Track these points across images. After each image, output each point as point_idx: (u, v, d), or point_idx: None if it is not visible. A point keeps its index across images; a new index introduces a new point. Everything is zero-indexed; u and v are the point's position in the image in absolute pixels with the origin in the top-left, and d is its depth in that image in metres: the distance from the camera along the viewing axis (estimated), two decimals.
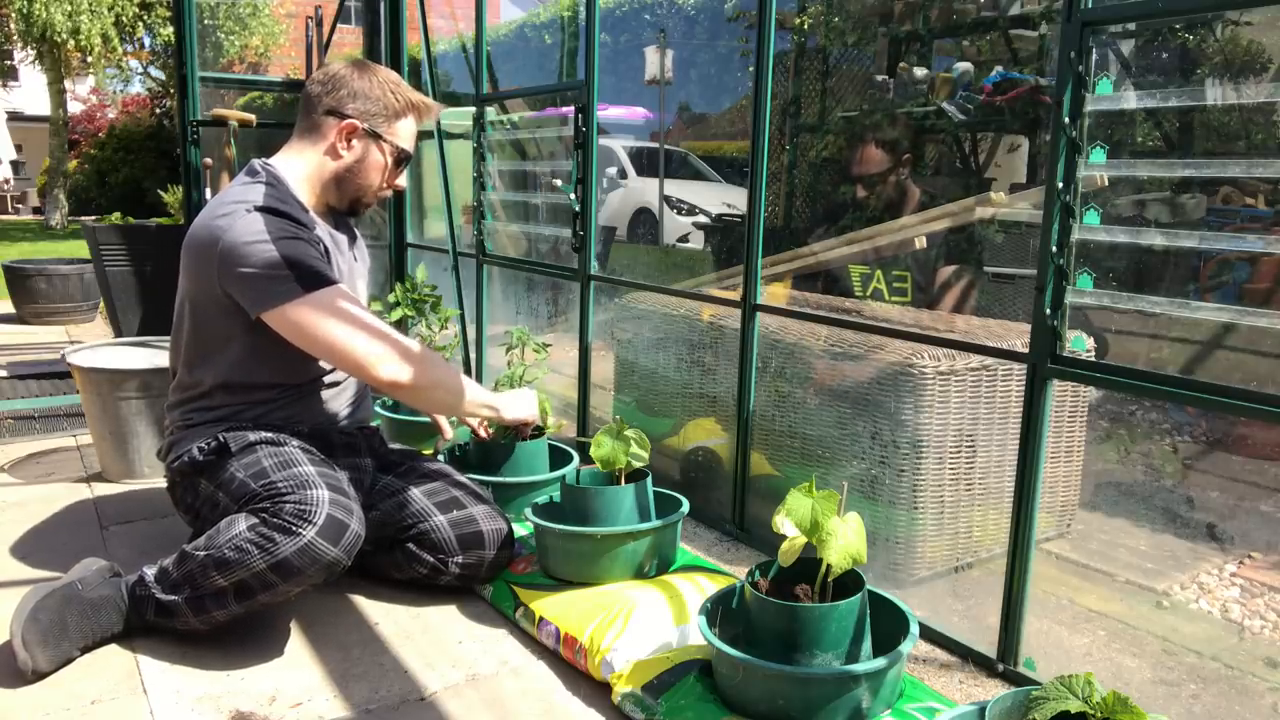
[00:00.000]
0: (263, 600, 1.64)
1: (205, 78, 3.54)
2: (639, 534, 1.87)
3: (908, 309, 2.44)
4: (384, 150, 1.90)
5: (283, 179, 1.86)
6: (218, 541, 1.63)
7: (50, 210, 14.18)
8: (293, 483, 1.66)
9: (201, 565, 1.63)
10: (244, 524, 1.63)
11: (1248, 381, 1.95)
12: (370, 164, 1.90)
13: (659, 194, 9.82)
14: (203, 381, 1.84)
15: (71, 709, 1.52)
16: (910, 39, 4.50)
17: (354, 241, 2.06)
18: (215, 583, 1.63)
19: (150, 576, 1.70)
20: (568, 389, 3.05)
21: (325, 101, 1.86)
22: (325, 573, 1.64)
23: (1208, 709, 1.62)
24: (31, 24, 11.78)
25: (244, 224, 1.71)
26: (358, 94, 1.86)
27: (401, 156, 1.94)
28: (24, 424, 3.18)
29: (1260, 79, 3.82)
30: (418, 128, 1.96)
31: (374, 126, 1.88)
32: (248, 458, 1.74)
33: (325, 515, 1.62)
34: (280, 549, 1.59)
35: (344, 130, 1.86)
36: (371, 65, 1.94)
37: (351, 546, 1.65)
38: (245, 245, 1.69)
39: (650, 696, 1.50)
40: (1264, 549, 2.24)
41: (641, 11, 13.45)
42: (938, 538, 2.00)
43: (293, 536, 1.59)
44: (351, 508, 1.68)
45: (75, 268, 5.43)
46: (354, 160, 1.89)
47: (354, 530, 1.65)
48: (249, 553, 1.60)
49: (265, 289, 1.69)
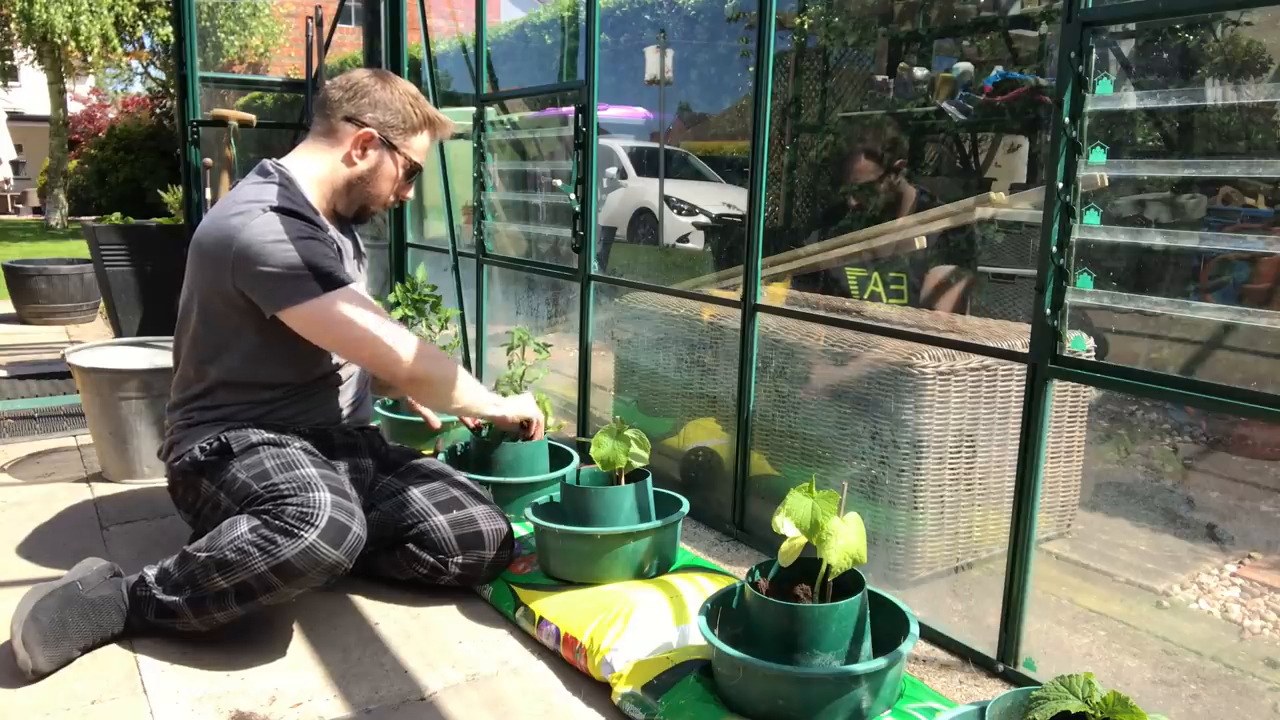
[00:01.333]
0: (264, 601, 1.65)
1: (205, 78, 3.54)
2: (639, 534, 1.87)
3: (907, 309, 2.44)
4: (397, 162, 1.91)
5: (294, 180, 1.86)
6: (219, 543, 1.63)
7: (50, 210, 14.19)
8: (295, 485, 1.66)
9: (203, 566, 1.63)
10: (246, 526, 1.63)
11: (1248, 381, 1.96)
12: (383, 174, 1.91)
13: (659, 194, 9.83)
14: (206, 379, 1.83)
15: (71, 709, 1.52)
16: (910, 39, 4.51)
17: (357, 248, 2.06)
18: (216, 584, 1.63)
19: (151, 577, 1.71)
20: (568, 389, 3.05)
21: (345, 108, 1.87)
22: (327, 575, 1.64)
23: (1208, 709, 1.62)
24: (32, 24, 11.78)
25: (261, 223, 1.72)
26: (378, 104, 1.87)
27: (413, 169, 1.96)
28: (24, 424, 3.18)
29: (1260, 79, 3.82)
30: (431, 144, 1.98)
31: (390, 138, 1.88)
32: (250, 458, 1.74)
33: (327, 518, 1.62)
34: (282, 551, 1.59)
35: (361, 138, 1.87)
36: (393, 77, 1.95)
37: (353, 549, 1.65)
38: (264, 244, 1.70)
39: (650, 696, 1.51)
40: (1264, 549, 2.24)
41: (641, 11, 13.45)
42: (938, 538, 2.00)
43: (295, 539, 1.59)
44: (353, 510, 1.68)
45: (75, 268, 5.43)
46: (367, 169, 1.89)
47: (355, 533, 1.65)
48: (250, 554, 1.60)
49: (287, 288, 1.70)
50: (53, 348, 4.56)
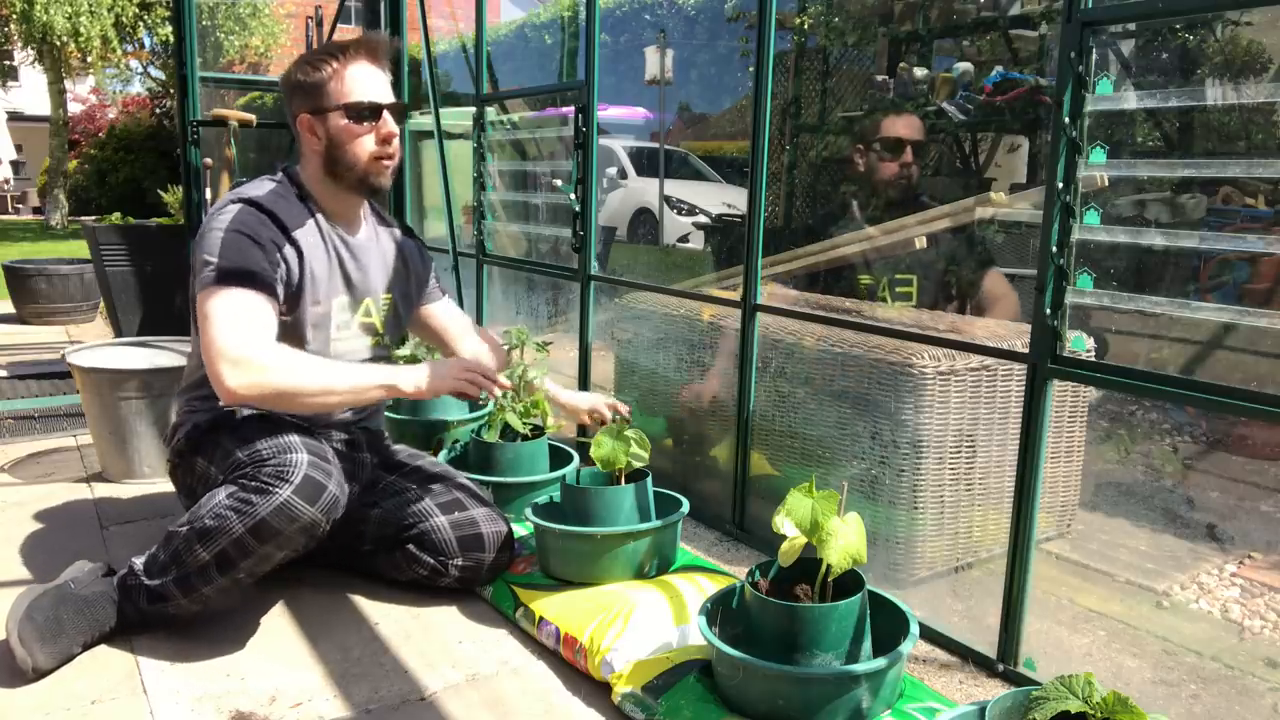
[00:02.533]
0: (245, 567, 1.64)
1: (205, 78, 3.54)
2: (639, 534, 1.87)
3: (907, 309, 2.44)
4: (337, 118, 1.85)
5: (300, 182, 1.90)
6: (199, 513, 1.64)
7: (50, 210, 14.19)
8: (275, 448, 1.67)
9: (185, 540, 1.64)
10: (224, 493, 1.64)
11: (1248, 381, 1.95)
12: (339, 138, 1.86)
13: (659, 194, 9.83)
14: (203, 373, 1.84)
15: (71, 709, 1.52)
16: (910, 39, 4.50)
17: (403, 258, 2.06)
18: (199, 557, 1.63)
19: (139, 565, 1.71)
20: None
21: (288, 112, 1.91)
22: (304, 536, 1.64)
23: (1208, 709, 1.62)
24: (31, 25, 11.79)
25: (221, 214, 1.76)
26: (295, 89, 1.88)
27: (355, 109, 1.85)
28: (24, 424, 3.18)
29: (1260, 79, 3.82)
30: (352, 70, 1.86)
31: (316, 107, 1.86)
32: (241, 432, 1.75)
33: (303, 475, 1.62)
34: (257, 510, 1.59)
35: (302, 126, 1.88)
36: (305, 53, 1.95)
37: (329, 508, 1.65)
38: (208, 233, 1.74)
39: (650, 696, 1.50)
40: (1264, 549, 2.24)
41: (641, 11, 13.46)
42: (938, 538, 2.00)
43: (269, 496, 1.60)
44: (330, 471, 1.67)
45: (75, 268, 5.43)
46: (325, 144, 1.87)
47: (332, 492, 1.65)
48: (227, 519, 1.60)
49: (201, 274, 1.71)
50: (53, 348, 4.56)
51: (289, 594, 1.93)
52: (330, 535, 1.93)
